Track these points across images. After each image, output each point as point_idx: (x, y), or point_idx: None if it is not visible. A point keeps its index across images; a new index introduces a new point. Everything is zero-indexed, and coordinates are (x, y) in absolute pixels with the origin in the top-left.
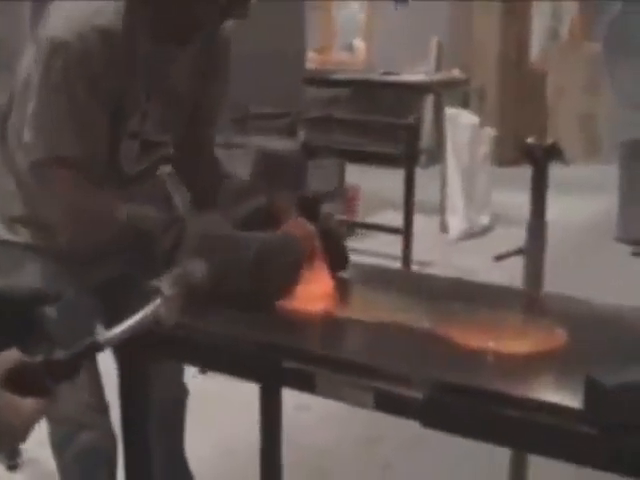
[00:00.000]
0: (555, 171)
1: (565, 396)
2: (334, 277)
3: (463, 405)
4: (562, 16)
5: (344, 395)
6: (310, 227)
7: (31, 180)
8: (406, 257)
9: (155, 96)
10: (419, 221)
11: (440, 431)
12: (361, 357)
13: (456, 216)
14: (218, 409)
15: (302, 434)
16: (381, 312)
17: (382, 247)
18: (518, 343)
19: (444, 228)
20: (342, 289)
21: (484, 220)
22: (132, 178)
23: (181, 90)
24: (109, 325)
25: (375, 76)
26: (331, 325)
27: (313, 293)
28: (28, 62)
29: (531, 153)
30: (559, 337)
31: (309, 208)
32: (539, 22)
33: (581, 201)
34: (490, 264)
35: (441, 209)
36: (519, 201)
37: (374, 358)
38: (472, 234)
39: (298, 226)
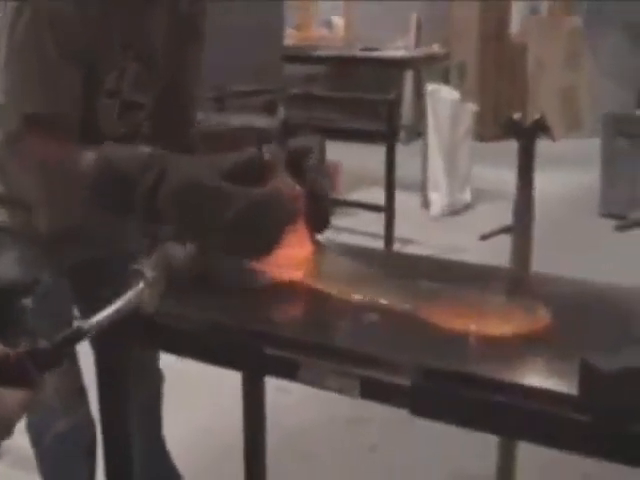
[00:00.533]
0: (537, 146)
1: (558, 381)
2: (313, 241)
3: (452, 392)
4: None
5: (329, 383)
6: (296, 186)
7: (6, 154)
8: (388, 235)
9: (131, 53)
10: (401, 198)
11: (429, 419)
12: (345, 343)
13: (438, 192)
14: (199, 391)
15: (285, 415)
16: (362, 292)
17: (364, 225)
18: (504, 325)
19: (426, 205)
20: (321, 260)
21: (466, 196)
22: (112, 141)
23: (157, 49)
24: (85, 311)
25: (354, 52)
26: (312, 307)
27: (292, 258)
28: None
29: (517, 129)
30: (546, 318)
31: (296, 162)
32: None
33: (564, 176)
34: (474, 241)
35: (423, 185)
36: (500, 177)
37: (358, 344)
38: (454, 210)
39: (285, 183)
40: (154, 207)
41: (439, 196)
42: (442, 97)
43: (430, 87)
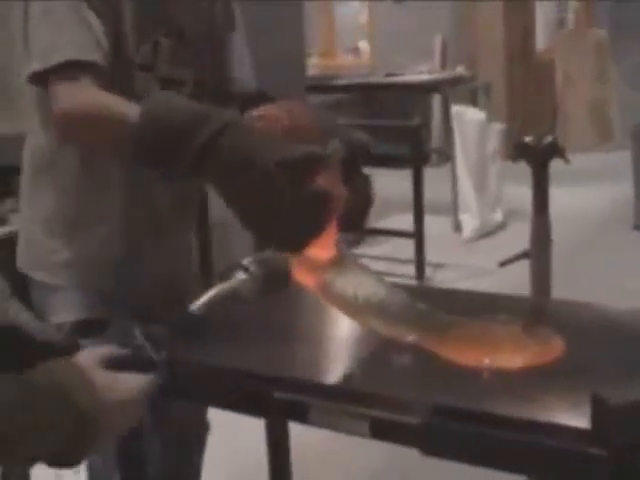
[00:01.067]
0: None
1: (571, 416)
2: (338, 250)
3: (463, 430)
4: (567, 4)
5: (338, 424)
6: (341, 188)
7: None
8: (419, 261)
9: (163, 29)
10: (432, 221)
11: (440, 459)
12: (354, 383)
13: (469, 214)
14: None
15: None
16: (372, 326)
17: (395, 252)
18: (518, 358)
19: (457, 227)
20: (338, 275)
21: (498, 217)
22: None
23: (190, 27)
24: None
25: (378, 79)
26: (318, 343)
27: (314, 261)
28: None
29: (529, 152)
30: (560, 349)
31: (349, 163)
32: (543, 12)
33: (597, 190)
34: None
35: (454, 208)
36: (529, 195)
37: (367, 383)
38: (486, 232)
39: (333, 184)
40: (201, 167)
41: (470, 218)
42: (468, 118)
43: (455, 109)
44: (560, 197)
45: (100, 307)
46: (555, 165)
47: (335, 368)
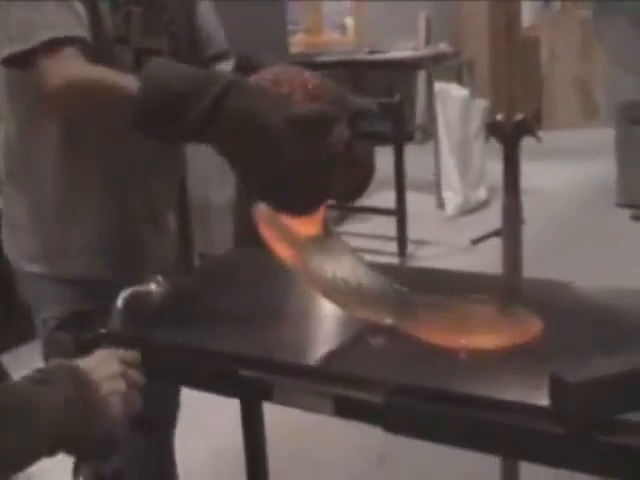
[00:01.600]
0: (551, 137)
1: (531, 395)
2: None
3: (424, 408)
4: None
5: (303, 403)
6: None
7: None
8: (401, 238)
9: None
10: (416, 199)
11: (403, 436)
12: (318, 362)
13: (452, 192)
14: (206, 412)
15: (292, 425)
16: (347, 308)
17: (378, 229)
18: (487, 338)
19: (441, 205)
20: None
21: (481, 194)
22: None
23: None
24: None
25: (361, 56)
26: (288, 323)
27: (295, 237)
28: None
29: (499, 130)
30: (536, 329)
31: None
32: None
33: (581, 167)
34: (489, 240)
35: (437, 185)
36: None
37: (332, 362)
38: (469, 209)
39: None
40: (206, 132)
41: (453, 195)
42: (451, 95)
43: (439, 86)
44: (544, 174)
45: (93, 297)
46: (538, 142)
47: (302, 347)
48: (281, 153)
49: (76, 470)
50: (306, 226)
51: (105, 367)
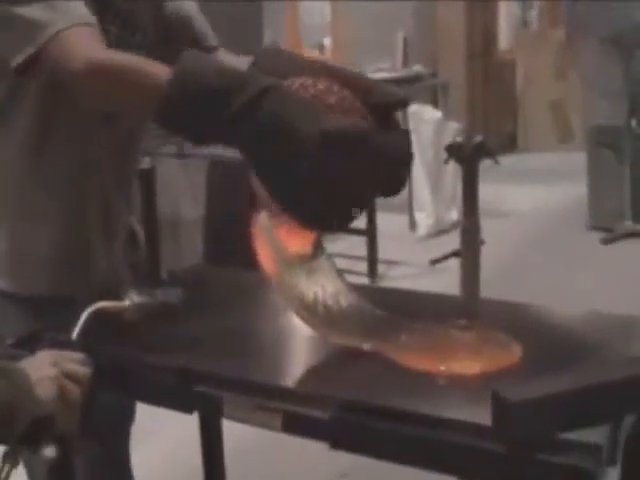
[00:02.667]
0: (526, 159)
1: (475, 413)
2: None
3: (369, 425)
4: (531, 3)
5: (252, 419)
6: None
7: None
8: (371, 258)
9: (106, 14)
10: (388, 219)
11: (348, 452)
12: (269, 379)
13: (424, 213)
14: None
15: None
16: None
17: (350, 249)
18: (466, 364)
19: (412, 225)
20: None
21: (453, 215)
22: None
23: (133, 10)
24: None
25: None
26: (245, 339)
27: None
28: None
29: (458, 152)
30: (512, 355)
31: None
32: (507, 11)
33: (554, 189)
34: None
35: (409, 206)
36: (487, 193)
37: (281, 378)
38: (441, 230)
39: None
40: (237, 132)
41: (425, 216)
42: (424, 117)
43: (412, 107)
44: (517, 195)
45: (41, 315)
46: (514, 164)
47: (256, 364)
48: (314, 165)
49: (5, 457)
50: (299, 244)
51: (37, 359)
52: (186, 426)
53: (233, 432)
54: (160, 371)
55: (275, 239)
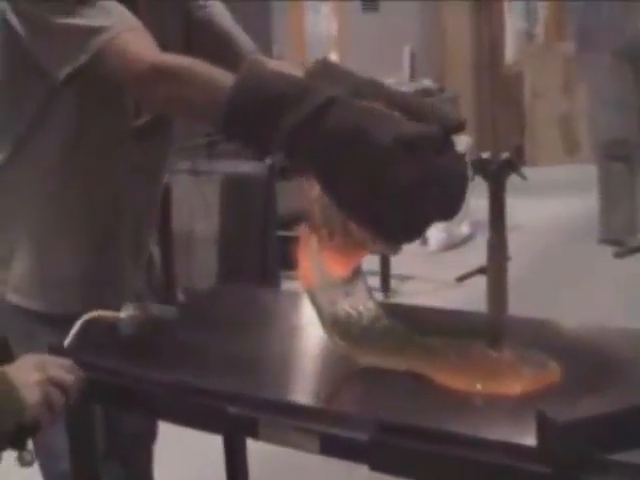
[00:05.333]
0: (534, 173)
1: (518, 434)
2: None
3: (410, 446)
4: (536, 16)
5: (288, 440)
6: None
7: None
8: (384, 273)
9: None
10: None
11: (389, 474)
12: (305, 399)
13: (435, 227)
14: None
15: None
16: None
17: (363, 263)
18: (504, 384)
19: (424, 240)
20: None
21: (464, 229)
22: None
23: (156, 26)
24: None
25: None
26: (273, 359)
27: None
28: None
29: (484, 168)
30: (551, 375)
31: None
32: (512, 24)
33: (564, 202)
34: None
35: None
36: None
37: (318, 399)
38: (452, 244)
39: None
40: (302, 144)
41: (436, 231)
42: None
43: None
44: (525, 209)
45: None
46: (523, 180)
47: (288, 384)
48: (391, 173)
49: None
50: (341, 267)
51: (23, 362)
52: (211, 447)
53: (255, 454)
54: (189, 392)
55: (319, 260)
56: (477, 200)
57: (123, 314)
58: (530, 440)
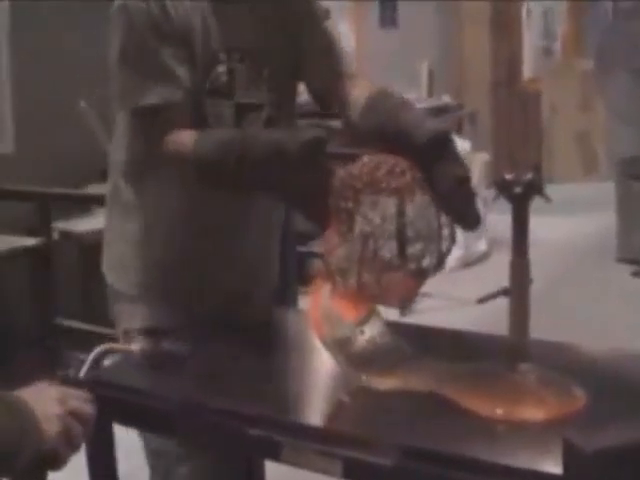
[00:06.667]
0: (551, 191)
1: (543, 461)
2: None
3: (434, 473)
4: (554, 33)
5: (312, 464)
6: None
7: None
8: None
9: (236, 55)
10: None
11: None
12: (328, 423)
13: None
14: None
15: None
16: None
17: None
18: (527, 410)
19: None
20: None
21: (481, 246)
22: None
23: (264, 49)
24: None
25: None
26: (301, 383)
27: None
28: None
29: (508, 189)
30: (575, 402)
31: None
32: (530, 40)
33: (581, 220)
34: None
35: None
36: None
37: (342, 423)
38: (470, 262)
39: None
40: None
41: (454, 248)
42: None
43: None
44: (542, 227)
45: (166, 317)
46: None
47: (312, 407)
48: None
49: None
50: (354, 313)
51: (43, 393)
52: None
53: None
54: (211, 414)
55: (331, 307)
56: (495, 216)
57: (134, 347)
58: (556, 468)
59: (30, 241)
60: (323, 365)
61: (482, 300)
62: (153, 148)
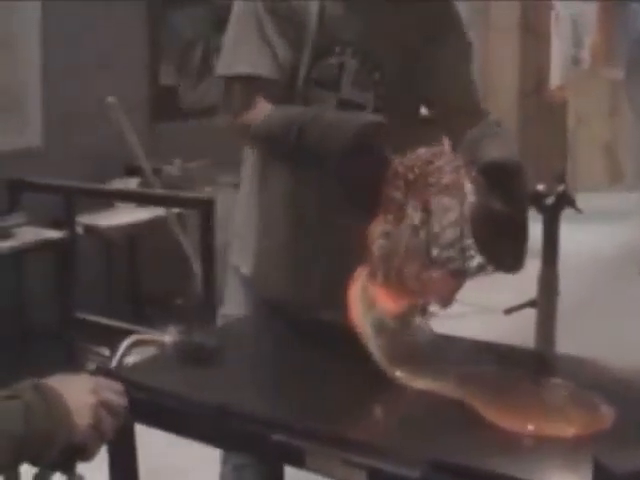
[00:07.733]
0: (578, 200)
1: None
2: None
3: None
4: (582, 41)
5: (335, 472)
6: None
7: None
8: None
9: (350, 50)
10: None
11: None
12: (354, 431)
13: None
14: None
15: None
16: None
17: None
18: (555, 425)
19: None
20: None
21: None
22: None
23: (383, 51)
24: None
25: None
26: (328, 389)
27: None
28: None
29: (540, 201)
30: (603, 419)
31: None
32: (559, 48)
33: (606, 231)
34: (512, 301)
35: None
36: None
37: (369, 432)
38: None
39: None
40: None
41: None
42: None
43: None
44: (566, 237)
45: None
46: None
47: (337, 414)
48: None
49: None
50: (394, 305)
51: (78, 383)
52: None
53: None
54: (239, 418)
55: (372, 301)
56: None
57: (166, 338)
58: None
59: (55, 234)
60: (349, 372)
61: (509, 311)
62: (234, 119)
